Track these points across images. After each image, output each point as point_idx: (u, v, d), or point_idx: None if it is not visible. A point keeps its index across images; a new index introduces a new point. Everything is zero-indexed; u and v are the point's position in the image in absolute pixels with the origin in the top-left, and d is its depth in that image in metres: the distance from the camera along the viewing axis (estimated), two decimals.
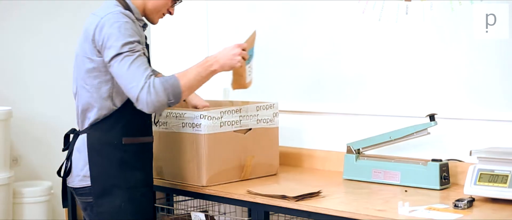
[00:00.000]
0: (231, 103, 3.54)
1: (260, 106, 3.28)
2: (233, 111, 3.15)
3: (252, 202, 2.91)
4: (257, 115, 3.26)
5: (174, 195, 3.57)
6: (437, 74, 3.16)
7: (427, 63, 3.19)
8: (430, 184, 2.96)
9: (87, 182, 2.83)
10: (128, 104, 2.82)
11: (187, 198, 3.58)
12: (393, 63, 3.30)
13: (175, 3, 3.03)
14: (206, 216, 3.17)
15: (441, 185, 2.95)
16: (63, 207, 3.09)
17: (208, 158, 3.07)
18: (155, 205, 3.38)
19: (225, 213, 3.77)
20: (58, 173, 2.97)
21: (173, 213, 3.60)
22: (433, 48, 3.16)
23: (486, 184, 2.67)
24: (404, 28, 3.23)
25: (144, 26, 2.94)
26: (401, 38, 3.26)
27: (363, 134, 3.32)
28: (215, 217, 3.73)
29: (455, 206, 2.59)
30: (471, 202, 2.63)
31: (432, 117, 3.03)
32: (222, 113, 3.11)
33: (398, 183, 3.05)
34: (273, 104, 3.33)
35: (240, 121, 3.18)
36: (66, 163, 2.92)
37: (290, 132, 3.70)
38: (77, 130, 2.94)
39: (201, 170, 3.08)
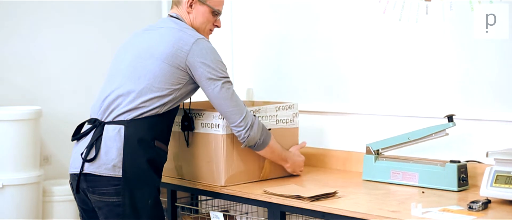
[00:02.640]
0: (253, 103, 3.55)
1: (280, 106, 3.27)
2: (251, 112, 3.14)
3: (268, 202, 2.92)
4: (276, 115, 3.25)
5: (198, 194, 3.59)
6: (456, 74, 3.13)
7: (446, 64, 3.16)
8: (448, 185, 2.94)
9: (117, 172, 2.84)
10: (169, 114, 2.96)
11: (208, 197, 3.60)
12: (413, 64, 3.28)
13: (218, 16, 3.14)
14: (225, 215, 3.19)
15: (459, 186, 2.92)
16: (76, 193, 2.99)
17: (226, 158, 3.09)
18: (176, 204, 3.42)
19: (247, 213, 3.79)
20: (82, 155, 2.91)
21: (198, 213, 3.63)
22: (453, 48, 3.14)
23: (503, 186, 2.64)
24: (425, 28, 3.21)
25: None
26: (421, 38, 3.23)
27: (383, 134, 3.31)
28: (237, 217, 3.75)
29: (470, 208, 2.56)
30: (486, 204, 2.60)
31: (450, 118, 3.00)
32: None
33: (416, 184, 3.03)
34: (293, 104, 3.32)
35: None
36: (88, 150, 2.89)
37: (311, 132, 3.70)
38: (99, 119, 2.95)
39: (219, 170, 3.10)
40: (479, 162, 3.03)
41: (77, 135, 3.00)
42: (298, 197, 2.82)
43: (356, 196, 2.89)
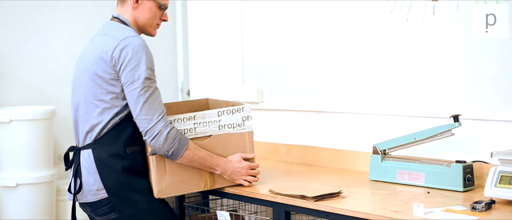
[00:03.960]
0: (207, 103, 3.45)
1: (223, 111, 3.06)
2: (186, 118, 2.99)
3: (273, 202, 2.93)
4: (219, 120, 3.05)
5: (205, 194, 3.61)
6: (463, 74, 3.12)
7: (453, 64, 3.15)
8: (454, 185, 2.93)
9: (102, 195, 2.91)
10: (129, 118, 2.91)
11: (216, 197, 3.61)
12: (419, 64, 3.27)
13: (164, 10, 3.08)
14: (231, 215, 3.20)
15: (464, 186, 2.91)
16: None
17: (156, 169, 2.95)
18: (184, 203, 3.44)
19: (256, 213, 3.80)
20: (69, 190, 3.02)
21: (205, 212, 3.65)
22: (459, 48, 3.13)
23: (507, 186, 2.63)
24: (431, 28, 3.20)
25: None
26: (428, 38, 3.23)
27: (391, 134, 3.30)
28: (245, 217, 3.76)
29: (473, 208, 2.56)
30: (490, 204, 2.59)
31: (456, 118, 3.00)
32: (173, 122, 2.96)
33: (422, 184, 3.03)
34: (243, 107, 3.09)
35: (195, 128, 3.02)
36: (74, 181, 2.97)
37: (320, 132, 3.71)
38: (76, 145, 3.00)
39: (152, 181, 2.97)
40: (485, 162, 3.02)
41: (67, 165, 3.06)
42: (303, 197, 2.83)
43: (361, 196, 2.89)
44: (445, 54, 3.18)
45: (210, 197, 3.72)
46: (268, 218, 3.19)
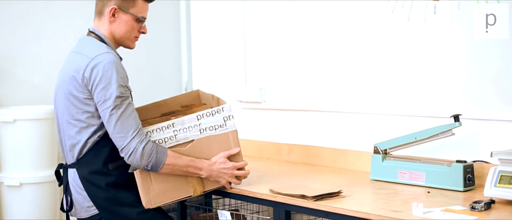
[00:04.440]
0: (200, 100, 3.37)
1: (203, 114, 2.98)
2: (164, 127, 2.94)
3: (274, 201, 2.93)
4: (200, 124, 2.97)
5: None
6: (464, 74, 3.12)
7: (453, 63, 3.15)
8: (454, 185, 2.93)
9: (93, 211, 2.93)
10: (108, 135, 2.89)
11: (218, 196, 3.62)
12: (421, 63, 3.27)
13: (142, 23, 3.03)
14: (232, 214, 3.20)
15: (465, 186, 2.91)
16: None
17: (141, 180, 2.93)
18: (186, 203, 3.45)
19: (258, 212, 3.81)
20: (62, 208, 3.05)
21: (207, 211, 3.66)
22: (460, 48, 3.12)
23: (507, 186, 2.63)
24: (432, 27, 3.20)
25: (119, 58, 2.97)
26: (429, 38, 3.23)
27: (392, 134, 3.31)
28: (247, 217, 3.77)
29: (472, 208, 2.55)
30: (489, 204, 2.59)
31: (456, 118, 2.99)
32: (149, 133, 2.91)
33: (423, 184, 3.03)
34: (223, 107, 3.00)
35: (176, 135, 2.95)
36: (66, 198, 2.99)
37: (322, 131, 3.71)
38: (65, 163, 3.02)
39: (140, 192, 2.95)
40: (486, 162, 3.02)
41: (59, 181, 3.08)
42: (303, 196, 2.83)
43: (361, 196, 2.89)
44: (446, 54, 3.17)
45: (213, 196, 3.73)
46: (268, 217, 3.19)
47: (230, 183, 3.04)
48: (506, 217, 2.48)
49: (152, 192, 2.93)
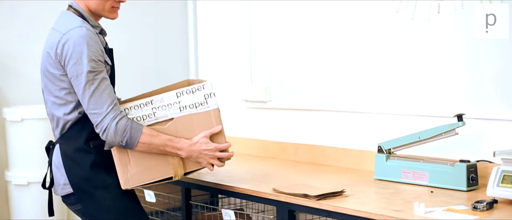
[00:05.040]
0: (188, 82, 3.14)
1: (183, 91, 2.87)
2: (143, 104, 2.85)
3: (277, 200, 2.94)
4: (179, 101, 2.86)
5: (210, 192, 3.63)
6: (467, 73, 3.11)
7: (457, 63, 3.15)
8: (457, 185, 2.93)
9: (69, 189, 2.87)
10: None
11: (223, 195, 3.63)
12: (425, 63, 3.27)
13: None
14: (237, 213, 3.21)
15: (468, 186, 2.91)
16: (49, 215, 3.08)
17: (119, 159, 2.85)
18: (190, 202, 3.46)
19: (263, 212, 3.81)
20: (43, 185, 3.03)
21: (212, 210, 3.66)
22: (464, 48, 3.12)
23: (509, 186, 2.62)
24: (436, 27, 3.20)
25: (102, 32, 2.93)
26: (433, 38, 3.22)
27: (396, 133, 3.30)
28: (253, 217, 3.78)
29: (474, 207, 2.55)
30: (491, 204, 2.59)
31: (460, 117, 2.99)
32: (127, 109, 2.84)
33: (426, 183, 3.03)
34: (203, 84, 2.88)
35: (154, 113, 2.86)
36: (50, 175, 2.97)
37: (325, 131, 3.71)
38: (53, 141, 3.00)
39: (118, 172, 2.87)
40: (490, 162, 3.01)
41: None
42: (305, 196, 2.83)
43: (364, 195, 2.89)
44: (450, 54, 3.17)
45: (219, 196, 3.74)
46: (271, 217, 3.19)
47: (213, 165, 2.91)
48: (508, 217, 2.48)
49: (130, 172, 2.85)
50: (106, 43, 2.96)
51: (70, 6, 2.93)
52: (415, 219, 2.46)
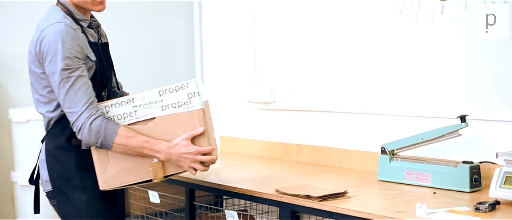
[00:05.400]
0: None
1: (165, 89, 2.75)
2: (124, 102, 2.76)
3: (280, 201, 2.94)
4: (162, 100, 2.74)
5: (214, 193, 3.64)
6: (471, 74, 3.11)
7: (461, 64, 3.14)
8: (460, 186, 2.92)
9: (49, 187, 2.85)
10: None
11: (227, 196, 3.64)
12: (428, 64, 3.27)
13: None
14: (240, 214, 3.21)
15: (471, 187, 2.90)
16: (34, 213, 3.03)
17: (98, 159, 2.77)
18: (194, 202, 3.46)
19: (268, 213, 3.82)
20: (30, 180, 2.99)
21: (216, 211, 3.67)
22: (467, 49, 3.11)
23: None
24: (440, 28, 3.19)
25: (91, 26, 2.87)
26: (437, 39, 3.22)
27: (400, 134, 3.30)
28: (257, 218, 3.78)
29: (476, 209, 2.55)
30: (494, 205, 2.58)
31: (463, 118, 2.99)
32: (107, 107, 2.75)
33: (429, 184, 3.02)
34: (187, 83, 2.75)
35: (136, 112, 2.75)
36: (37, 170, 2.95)
37: (329, 132, 3.72)
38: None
39: (97, 173, 2.80)
40: (493, 163, 3.00)
41: None
42: (308, 197, 2.84)
43: (367, 196, 2.89)
44: (453, 55, 3.17)
45: (223, 197, 3.75)
46: (275, 218, 3.19)
47: (195, 169, 2.77)
48: (510, 218, 2.47)
49: (109, 172, 2.75)
50: (99, 38, 2.89)
51: (58, 1, 2.86)
52: None
